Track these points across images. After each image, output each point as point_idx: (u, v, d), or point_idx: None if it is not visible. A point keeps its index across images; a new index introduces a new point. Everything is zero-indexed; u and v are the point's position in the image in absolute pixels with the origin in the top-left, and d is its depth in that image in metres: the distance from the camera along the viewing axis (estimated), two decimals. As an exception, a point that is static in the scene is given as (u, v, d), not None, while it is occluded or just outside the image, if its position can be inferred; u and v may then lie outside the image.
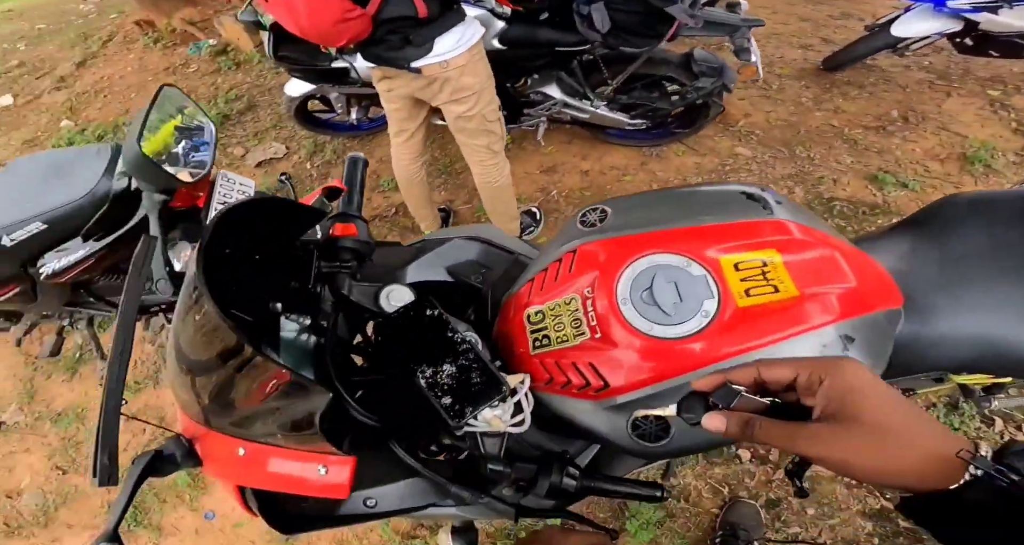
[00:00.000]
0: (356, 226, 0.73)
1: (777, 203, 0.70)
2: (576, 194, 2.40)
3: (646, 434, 0.62)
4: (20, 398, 2.17)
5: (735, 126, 2.56)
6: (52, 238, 1.44)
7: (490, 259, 0.92)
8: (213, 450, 0.58)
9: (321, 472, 0.53)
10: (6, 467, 2.01)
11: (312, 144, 2.90)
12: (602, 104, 2.18)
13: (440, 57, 1.49)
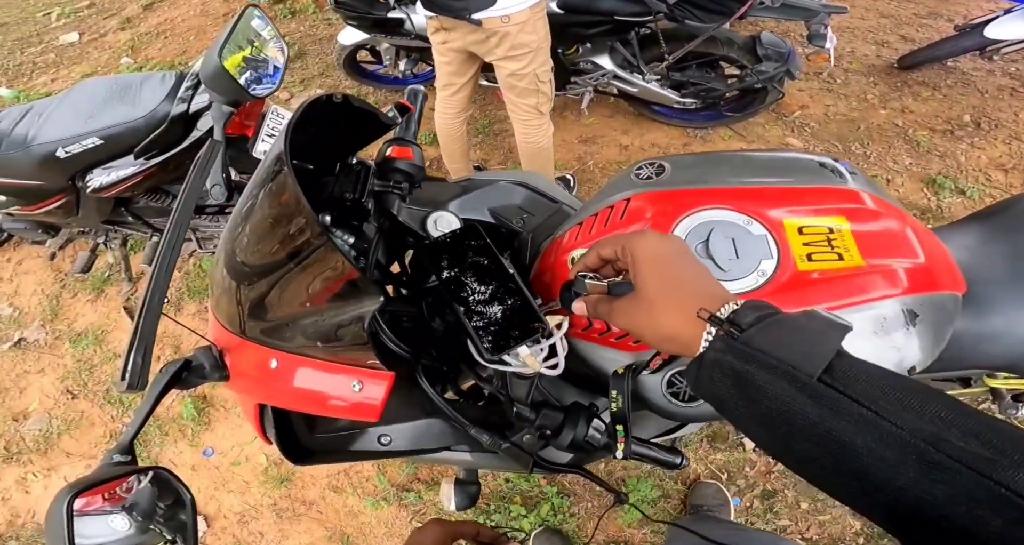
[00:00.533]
0: (412, 151, 0.74)
1: (851, 173, 0.67)
2: (612, 167, 2.36)
3: (680, 393, 0.60)
4: (44, 315, 2.23)
5: (789, 116, 2.45)
6: (105, 154, 1.49)
7: (533, 205, 0.91)
8: (244, 362, 0.58)
9: (355, 388, 0.52)
10: (19, 387, 2.07)
11: (356, 93, 2.87)
12: (654, 79, 2.11)
13: (502, 11, 1.47)
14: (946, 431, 0.28)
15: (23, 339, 2.17)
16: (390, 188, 0.69)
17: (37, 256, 2.35)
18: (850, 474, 0.31)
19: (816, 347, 0.33)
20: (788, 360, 0.33)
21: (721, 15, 1.77)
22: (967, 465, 0.27)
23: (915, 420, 0.29)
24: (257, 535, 1.71)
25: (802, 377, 0.32)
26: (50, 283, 2.32)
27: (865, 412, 0.30)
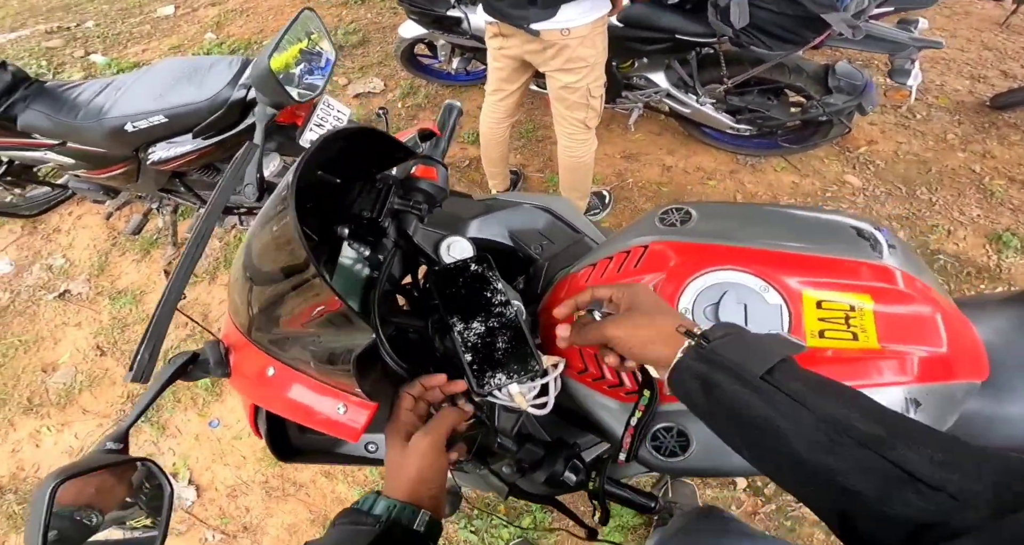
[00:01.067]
0: (437, 171, 0.74)
1: (890, 246, 0.62)
2: (652, 187, 2.30)
3: (663, 447, 0.60)
4: (91, 270, 2.37)
5: (854, 151, 2.31)
6: (168, 131, 1.59)
7: (554, 232, 0.90)
8: (245, 363, 0.60)
9: (340, 410, 0.53)
10: (55, 338, 2.19)
11: (408, 86, 2.94)
12: (709, 102, 2.04)
13: (563, 24, 1.45)
14: (850, 418, 0.37)
15: (68, 291, 2.31)
16: (409, 207, 0.69)
17: (96, 213, 2.51)
18: (784, 454, 0.39)
19: (765, 356, 0.43)
20: (741, 364, 0.42)
21: (791, 44, 1.66)
22: (860, 443, 0.35)
23: (829, 410, 0.38)
24: (243, 510, 1.75)
25: (749, 376, 0.41)
26: (103, 240, 2.47)
27: (792, 402, 0.39)
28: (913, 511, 0.32)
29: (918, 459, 0.33)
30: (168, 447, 1.88)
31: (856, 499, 0.35)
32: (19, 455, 1.92)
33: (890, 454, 0.34)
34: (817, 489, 0.37)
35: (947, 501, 0.31)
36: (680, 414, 0.59)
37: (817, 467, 0.36)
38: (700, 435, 0.58)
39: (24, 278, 2.39)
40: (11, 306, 2.30)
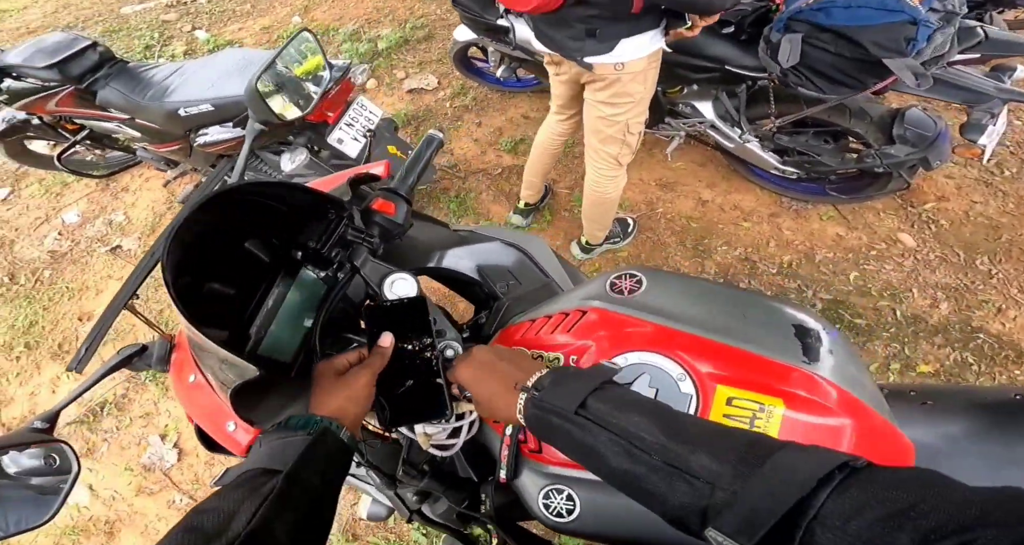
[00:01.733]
0: (396, 206, 0.74)
1: (828, 352, 0.58)
2: (681, 221, 2.21)
3: (551, 507, 0.62)
4: (144, 229, 2.58)
5: (918, 207, 2.11)
6: (213, 119, 1.74)
7: (523, 273, 0.90)
8: (180, 365, 0.65)
9: (230, 427, 0.58)
10: (98, 288, 2.37)
11: (460, 86, 2.98)
12: (754, 139, 1.93)
13: (617, 58, 1.40)
14: (640, 429, 0.44)
15: (119, 246, 2.53)
16: (361, 240, 0.71)
17: (160, 178, 2.75)
18: (608, 469, 0.45)
19: (578, 392, 0.49)
20: (560, 404, 0.49)
21: (846, 88, 1.52)
22: (645, 449, 0.42)
23: (623, 425, 0.45)
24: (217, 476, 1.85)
25: (567, 413, 0.48)
26: (160, 203, 2.70)
27: (597, 427, 0.46)
28: (690, 499, 0.38)
29: (684, 454, 0.40)
30: (165, 408, 2.00)
31: (657, 496, 0.41)
32: (36, 398, 2.09)
33: (666, 455, 0.41)
34: (635, 492, 0.44)
35: (705, 486, 0.37)
36: (570, 479, 0.60)
37: (627, 476, 0.43)
38: (586, 500, 0.59)
39: (86, 229, 2.65)
40: (69, 254, 2.55)
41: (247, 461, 0.52)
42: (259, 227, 0.70)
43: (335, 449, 0.54)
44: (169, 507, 1.81)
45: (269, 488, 0.45)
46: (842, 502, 0.32)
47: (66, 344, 2.21)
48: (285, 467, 0.47)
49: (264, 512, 0.42)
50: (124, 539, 1.78)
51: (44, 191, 2.86)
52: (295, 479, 0.47)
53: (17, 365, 2.19)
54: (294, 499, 0.45)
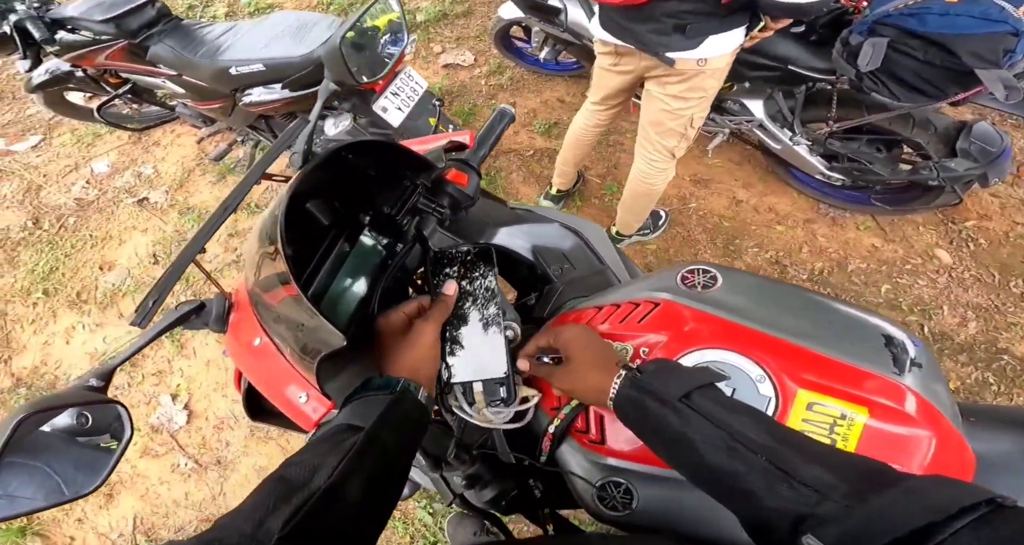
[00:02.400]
0: (468, 178, 0.73)
1: (916, 365, 0.57)
2: (713, 219, 2.18)
3: (607, 499, 0.61)
4: (172, 183, 2.57)
5: (958, 223, 2.07)
6: (263, 79, 1.72)
7: (578, 258, 0.88)
8: (240, 326, 0.63)
9: (302, 399, 0.56)
10: (121, 239, 2.36)
11: (497, 65, 2.93)
12: (804, 142, 1.88)
13: (701, 54, 1.35)
14: (746, 429, 0.44)
15: (146, 198, 2.52)
16: (431, 210, 0.69)
17: (192, 135, 2.72)
18: (695, 461, 0.45)
19: (685, 383, 0.49)
20: (663, 389, 0.50)
21: (925, 97, 1.44)
22: (751, 449, 0.42)
23: (729, 422, 0.45)
24: (223, 444, 1.79)
25: (669, 399, 0.48)
26: (190, 159, 2.68)
27: (700, 418, 0.46)
28: (790, 504, 0.38)
29: (795, 461, 0.40)
30: (179, 367, 1.98)
31: (751, 496, 0.41)
32: (49, 348, 2.08)
33: (773, 457, 0.41)
34: (724, 490, 0.44)
35: (812, 495, 0.38)
36: (630, 472, 0.59)
37: (720, 471, 0.43)
38: (646, 495, 0.59)
39: (115, 180, 2.64)
40: (95, 203, 2.55)
41: (332, 420, 0.52)
42: (328, 188, 0.69)
43: (413, 409, 0.55)
44: (173, 471, 1.77)
45: (350, 444, 0.46)
46: (980, 534, 0.31)
47: (84, 293, 2.19)
48: (367, 425, 0.49)
49: (344, 467, 0.44)
50: (123, 502, 1.75)
51: (76, 141, 2.84)
52: (374, 437, 0.48)
53: (33, 312, 2.17)
54: (372, 456, 0.47)
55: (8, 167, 2.74)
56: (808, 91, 1.79)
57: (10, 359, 2.06)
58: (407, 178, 0.70)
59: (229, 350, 0.68)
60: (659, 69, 1.44)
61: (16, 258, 2.35)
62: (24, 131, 2.94)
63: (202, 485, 1.75)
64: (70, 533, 1.72)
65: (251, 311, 0.62)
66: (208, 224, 0.64)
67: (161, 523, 1.70)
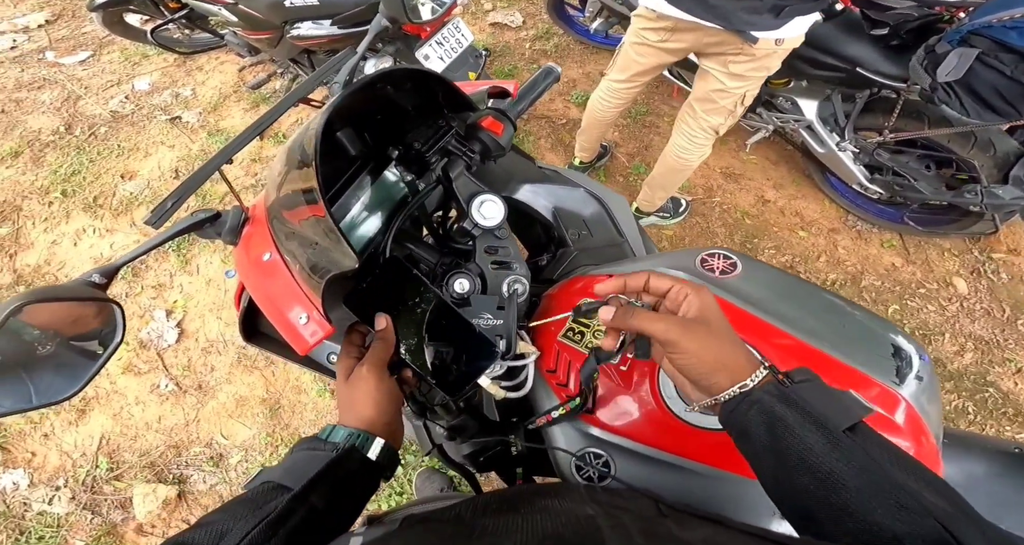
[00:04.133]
0: (504, 128, 0.71)
1: (917, 378, 0.57)
2: (736, 215, 2.15)
3: (584, 468, 0.60)
4: (207, 105, 2.59)
5: (984, 253, 2.02)
6: (315, 13, 1.72)
7: (597, 226, 0.87)
8: (252, 239, 0.61)
9: (301, 319, 0.54)
10: (147, 152, 2.38)
11: (545, 29, 2.85)
12: (851, 149, 1.81)
13: (779, 34, 1.33)
14: (921, 489, 0.38)
15: (179, 117, 2.54)
16: (461, 152, 0.68)
17: (235, 64, 2.74)
18: (836, 506, 0.39)
19: (847, 412, 0.42)
20: (824, 413, 0.41)
21: (997, 115, 1.37)
22: (926, 513, 0.36)
23: (901, 479, 0.38)
24: (208, 368, 1.75)
25: (832, 427, 0.40)
26: (228, 86, 2.70)
27: (870, 461, 0.39)
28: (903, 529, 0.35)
29: (969, 531, 0.35)
30: (179, 283, 1.96)
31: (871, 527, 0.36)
32: (55, 248, 2.06)
33: (949, 524, 0.35)
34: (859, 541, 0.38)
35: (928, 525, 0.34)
36: (612, 445, 0.59)
37: (873, 526, 0.37)
38: (624, 470, 0.58)
39: (153, 97, 2.66)
40: (130, 116, 2.57)
41: (269, 472, 0.48)
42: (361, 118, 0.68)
43: (357, 470, 0.49)
44: (151, 391, 1.72)
45: (272, 507, 0.42)
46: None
47: (101, 198, 2.19)
48: (296, 486, 0.44)
49: (256, 535, 0.39)
50: (93, 419, 1.69)
51: (124, 59, 2.87)
52: (301, 500, 0.43)
53: (48, 210, 2.17)
54: (295, 522, 0.42)
55: (53, 77, 2.77)
56: (870, 97, 1.72)
57: (15, 254, 2.05)
58: (442, 118, 0.69)
59: (237, 263, 0.65)
60: (724, 47, 1.41)
61: (42, 159, 2.38)
62: (75, 46, 2.97)
63: (177, 410, 1.70)
64: (33, 448, 1.65)
65: (266, 227, 0.61)
66: (240, 136, 0.63)
67: (127, 446, 1.65)
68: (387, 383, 0.55)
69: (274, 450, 1.63)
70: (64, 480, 1.59)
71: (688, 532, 0.38)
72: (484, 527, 0.38)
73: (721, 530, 0.40)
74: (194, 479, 1.59)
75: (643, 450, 0.58)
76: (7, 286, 1.96)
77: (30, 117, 2.57)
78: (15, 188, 2.27)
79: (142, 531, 1.52)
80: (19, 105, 2.63)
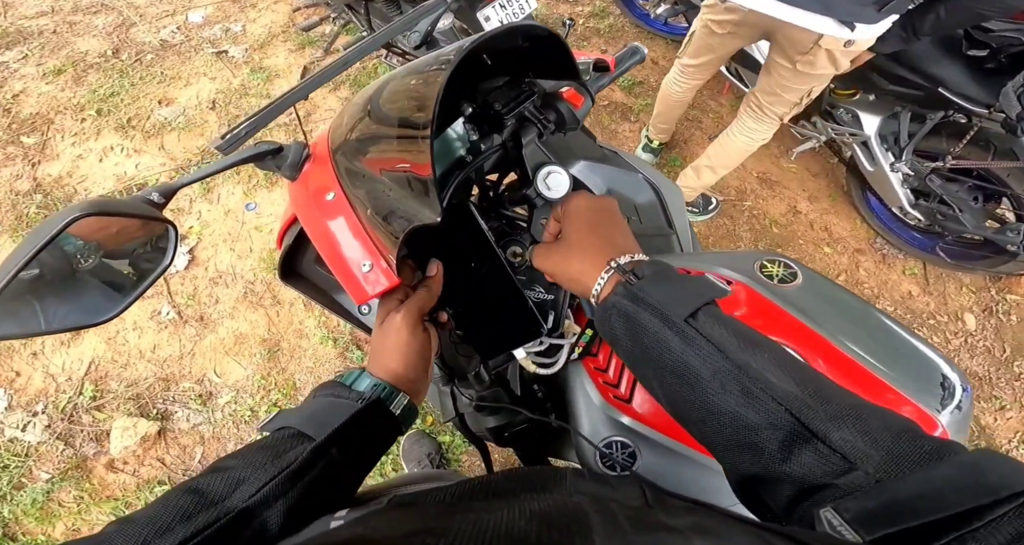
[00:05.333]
0: (584, 103, 0.71)
1: (957, 408, 0.58)
2: (764, 222, 2.12)
3: (608, 457, 0.60)
4: (254, 43, 2.56)
5: (1001, 294, 2.01)
6: None
7: (649, 214, 0.86)
8: (314, 176, 0.59)
9: (364, 267, 0.51)
10: (188, 81, 2.36)
11: (601, 8, 2.77)
12: (905, 171, 1.74)
13: (853, 36, 1.29)
14: (767, 371, 0.35)
15: (226, 52, 2.52)
16: (537, 120, 0.66)
17: (288, 4, 2.72)
18: (696, 402, 0.38)
19: (691, 298, 0.40)
20: (666, 304, 0.40)
21: None
22: (774, 397, 0.34)
23: (747, 359, 0.36)
24: (213, 300, 1.71)
25: (673, 317, 0.39)
26: (279, 25, 2.65)
27: (712, 348, 0.37)
28: (807, 470, 0.33)
29: (824, 419, 0.33)
30: (198, 209, 1.93)
31: (761, 453, 0.34)
32: (80, 162, 2.03)
33: (798, 412, 0.33)
34: (723, 438, 0.37)
35: (840, 463, 0.32)
36: (641, 436, 0.59)
37: (727, 417, 0.36)
38: (648, 462, 0.58)
39: (204, 30, 2.63)
40: (178, 46, 2.55)
41: (288, 416, 0.45)
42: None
43: (382, 424, 0.47)
44: (151, 318, 1.67)
45: (292, 457, 0.40)
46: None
47: (135, 120, 2.19)
48: (318, 436, 0.42)
49: (274, 487, 0.37)
50: (86, 342, 1.63)
51: (180, -10, 2.83)
52: (322, 452, 0.41)
53: (79, 126, 2.16)
54: (313, 474, 0.40)
55: (111, 3, 2.74)
56: (944, 118, 1.65)
57: (39, 163, 2.03)
58: (525, 82, 0.65)
59: (293, 200, 0.63)
60: (794, 42, 1.39)
61: (83, 79, 2.37)
62: (137, -25, 2.90)
63: (174, 340, 1.65)
64: (19, 367, 1.59)
65: (330, 166, 0.58)
66: (319, 73, 0.62)
67: (116, 374, 1.59)
68: (420, 338, 0.52)
69: (265, 394, 1.59)
70: (43, 405, 1.53)
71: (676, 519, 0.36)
72: (469, 506, 0.37)
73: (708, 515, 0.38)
74: (178, 416, 1.54)
75: (672, 445, 0.58)
76: (24, 193, 1.95)
77: (80, 39, 2.55)
78: (50, 103, 2.27)
79: (112, 467, 1.47)
80: (72, 27, 2.61)
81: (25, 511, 1.40)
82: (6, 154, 2.07)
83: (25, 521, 1.40)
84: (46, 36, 2.55)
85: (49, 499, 1.42)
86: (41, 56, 2.46)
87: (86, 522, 1.41)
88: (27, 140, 2.12)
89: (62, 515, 1.41)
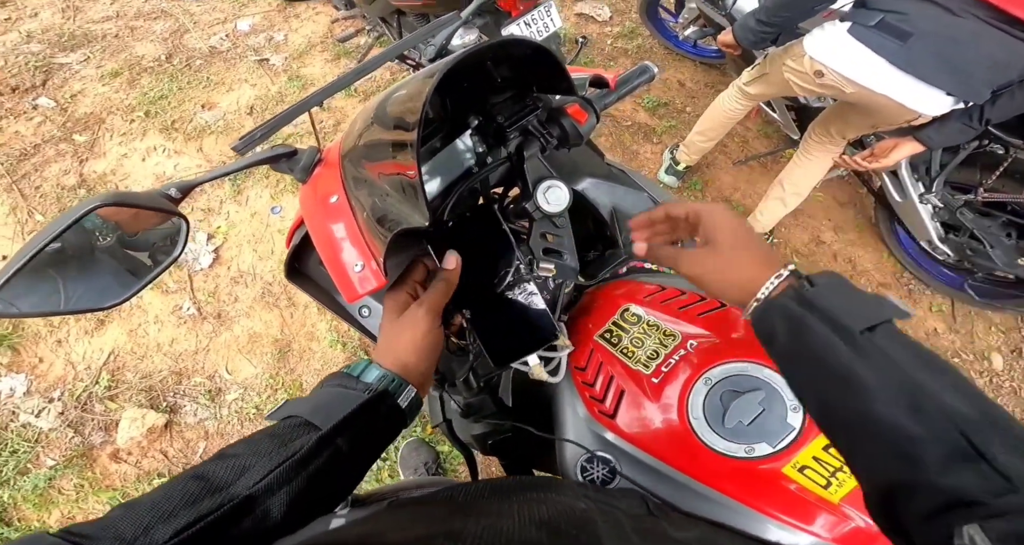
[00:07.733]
0: (588, 118, 0.71)
1: None
2: (785, 251, 2.08)
3: (588, 471, 0.60)
4: (293, 52, 2.69)
5: (1028, 334, 1.92)
6: None
7: None
8: (322, 180, 0.61)
9: (356, 267, 0.53)
10: (230, 87, 2.49)
11: (631, 29, 2.80)
12: (935, 203, 1.69)
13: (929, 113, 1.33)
14: (942, 389, 0.35)
15: (267, 60, 2.66)
16: (540, 134, 0.67)
17: (329, 15, 2.85)
18: (855, 408, 0.37)
19: (870, 312, 0.40)
20: (839, 313, 0.40)
21: None
22: (944, 413, 0.34)
23: (922, 377, 0.36)
24: (232, 298, 1.78)
25: (849, 326, 0.39)
26: (318, 35, 2.79)
27: (887, 360, 0.37)
28: (964, 485, 0.32)
29: (995, 444, 0.32)
30: (227, 210, 2.01)
31: (915, 466, 0.34)
32: (124, 160, 2.18)
33: (969, 432, 0.33)
34: (878, 449, 0.36)
35: (1001, 484, 0.31)
36: (623, 453, 0.59)
37: (888, 427, 0.35)
38: (629, 478, 0.58)
39: (249, 39, 2.78)
40: (225, 53, 2.70)
41: (295, 405, 0.46)
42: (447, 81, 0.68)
43: (388, 416, 0.48)
44: (173, 312, 1.73)
45: (298, 446, 0.40)
46: None
47: (179, 123, 2.32)
48: (325, 426, 0.42)
49: (279, 474, 0.38)
50: (109, 332, 1.70)
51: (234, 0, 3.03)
52: (328, 442, 0.42)
53: (128, 127, 2.30)
54: (318, 464, 0.41)
55: (170, 10, 2.94)
56: (979, 149, 1.60)
57: (86, 160, 2.16)
58: (529, 97, 0.66)
59: (302, 201, 0.65)
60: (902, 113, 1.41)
61: (137, 81, 2.53)
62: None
63: (191, 335, 1.71)
64: (42, 354, 1.65)
65: (337, 170, 0.61)
66: (335, 82, 0.65)
67: (133, 366, 1.65)
68: (436, 332, 0.53)
69: (272, 393, 1.63)
70: (60, 392, 1.58)
71: (682, 531, 0.36)
72: (480, 509, 0.37)
73: (714, 530, 0.38)
74: (186, 410, 1.59)
75: (654, 463, 0.57)
76: (70, 187, 2.07)
77: (139, 44, 2.73)
78: (105, 103, 2.42)
79: (117, 457, 1.50)
80: (133, 32, 2.80)
81: (25, 497, 1.44)
82: (58, 150, 2.20)
83: (23, 507, 1.44)
84: (108, 40, 2.74)
85: (50, 486, 1.46)
86: (101, 58, 2.63)
87: (82, 510, 1.44)
88: (79, 138, 2.26)
89: (60, 502, 1.44)
